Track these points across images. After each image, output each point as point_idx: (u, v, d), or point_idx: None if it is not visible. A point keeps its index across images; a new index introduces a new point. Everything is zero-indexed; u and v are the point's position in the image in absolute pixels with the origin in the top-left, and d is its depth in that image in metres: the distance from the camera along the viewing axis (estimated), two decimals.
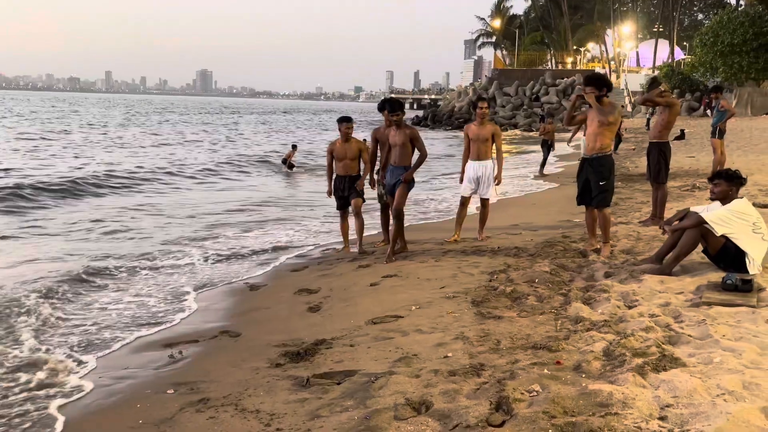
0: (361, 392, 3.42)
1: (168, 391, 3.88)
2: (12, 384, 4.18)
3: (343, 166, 7.64)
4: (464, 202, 7.55)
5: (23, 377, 4.28)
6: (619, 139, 17.25)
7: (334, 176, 7.71)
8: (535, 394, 3.07)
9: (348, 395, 3.43)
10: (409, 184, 7.07)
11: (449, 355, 3.84)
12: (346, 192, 7.66)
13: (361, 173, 7.60)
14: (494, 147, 7.42)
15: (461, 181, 7.62)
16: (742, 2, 42.59)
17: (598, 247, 6.40)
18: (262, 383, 3.79)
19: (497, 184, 7.36)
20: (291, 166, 20.70)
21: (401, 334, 4.38)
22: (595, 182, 6.18)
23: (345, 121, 7.61)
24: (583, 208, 6.59)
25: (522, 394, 3.07)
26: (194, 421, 3.37)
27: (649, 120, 32.22)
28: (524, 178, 16.24)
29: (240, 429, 3.20)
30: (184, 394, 3.80)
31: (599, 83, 6.10)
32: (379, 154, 7.56)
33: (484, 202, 7.39)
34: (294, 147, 21.86)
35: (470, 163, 7.38)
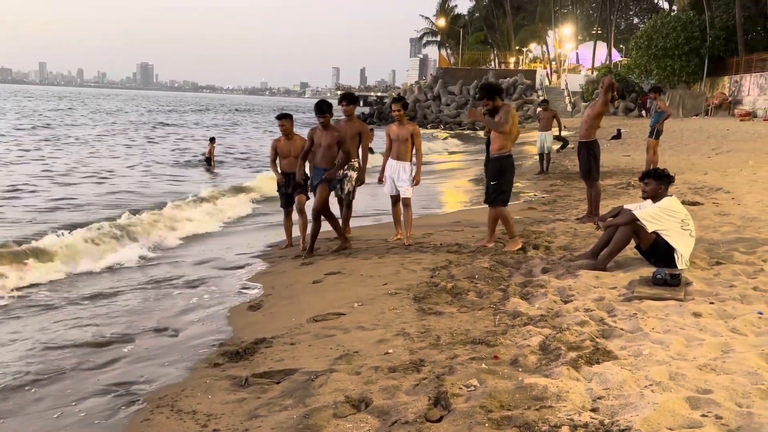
0: (301, 391, 3.39)
1: (103, 395, 3.76)
2: None
3: (288, 163, 7.59)
4: (394, 200, 7.56)
5: None
6: (565, 141, 17.68)
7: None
8: (472, 388, 3.12)
9: (287, 394, 3.40)
10: (331, 183, 7.14)
11: (390, 351, 3.86)
12: (290, 189, 7.59)
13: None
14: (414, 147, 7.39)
15: (380, 180, 7.60)
16: (674, 8, 44.29)
17: (489, 246, 6.69)
18: (200, 383, 3.71)
19: (415, 185, 7.35)
20: (209, 161, 20.32)
21: (343, 332, 4.37)
22: (488, 181, 6.77)
23: (281, 118, 7.56)
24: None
25: (460, 389, 3.11)
26: (128, 424, 3.28)
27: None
28: (464, 175, 16.44)
29: (176, 430, 3.13)
30: (118, 396, 3.69)
31: (490, 93, 6.52)
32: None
33: (406, 201, 7.35)
34: (212, 140, 21.45)
35: (390, 162, 7.40)
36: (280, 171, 7.66)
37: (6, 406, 3.74)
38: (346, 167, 7.41)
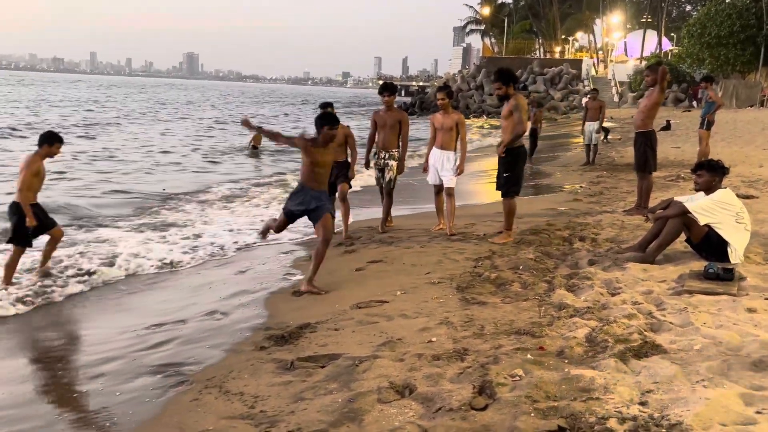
0: (345, 375, 3.43)
1: (153, 374, 3.87)
2: None
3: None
4: (437, 190, 7.53)
5: None
6: (606, 130, 17.33)
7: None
8: (518, 378, 3.10)
9: (332, 378, 3.44)
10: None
11: (433, 339, 3.86)
12: (333, 178, 7.62)
13: (349, 159, 7.57)
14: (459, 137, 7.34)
15: (424, 170, 7.58)
16: None
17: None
18: (247, 366, 3.79)
19: (459, 174, 7.28)
20: (255, 148, 20.63)
21: (386, 319, 4.39)
22: (501, 172, 6.67)
23: (324, 107, 7.56)
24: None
25: (505, 378, 3.10)
26: (178, 403, 3.37)
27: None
28: None
29: (224, 411, 3.20)
30: (168, 376, 3.79)
31: (505, 79, 6.46)
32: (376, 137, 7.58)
33: (449, 191, 7.30)
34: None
35: (433, 151, 7.37)
36: None
37: (62, 388, 3.89)
38: (386, 156, 7.45)
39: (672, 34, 54.46)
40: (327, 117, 5.57)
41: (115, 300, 5.85)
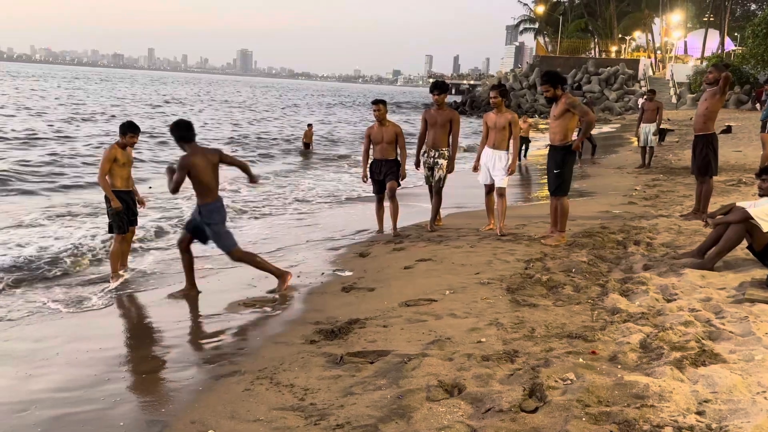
0: (394, 372, 3.44)
1: (207, 363, 3.97)
2: None
3: (380, 149, 7.60)
4: (488, 189, 7.48)
5: None
6: (663, 131, 16.85)
7: (370, 160, 7.71)
8: (569, 382, 3.06)
9: (381, 374, 3.46)
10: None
11: (483, 340, 3.84)
12: (382, 176, 7.65)
13: (398, 158, 7.59)
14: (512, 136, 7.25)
15: (474, 169, 7.52)
16: None
17: (553, 236, 6.63)
18: (297, 359, 3.84)
19: (510, 174, 7.19)
20: (307, 146, 20.93)
21: (434, 318, 4.39)
22: (550, 170, 6.62)
23: (376, 103, 7.58)
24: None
25: (556, 381, 3.06)
26: (230, 392, 3.45)
27: None
28: None
29: (274, 402, 3.26)
30: (221, 366, 3.88)
31: (553, 80, 6.44)
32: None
33: (500, 191, 7.23)
34: (310, 126, 22.13)
35: (486, 150, 7.30)
36: (372, 158, 7.71)
37: (122, 372, 4.03)
38: (436, 155, 7.45)
39: (735, 34, 52.48)
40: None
41: (169, 290, 6.02)
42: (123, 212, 6.44)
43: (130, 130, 6.47)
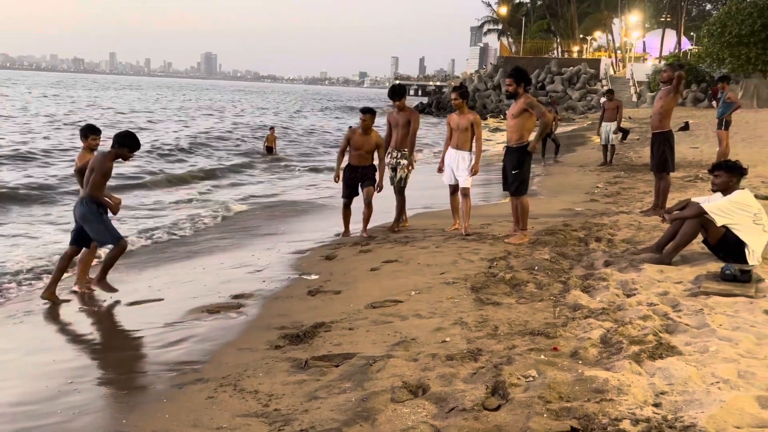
0: (359, 375, 3.44)
1: (169, 371, 3.91)
2: None
3: (358, 156, 7.59)
4: (452, 190, 7.54)
5: None
6: (626, 131, 17.25)
7: (345, 164, 7.69)
8: (531, 379, 3.10)
9: (346, 377, 3.46)
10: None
11: (447, 339, 3.87)
12: (356, 181, 7.61)
13: (376, 164, 7.60)
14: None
15: (439, 170, 7.59)
16: None
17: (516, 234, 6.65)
18: (261, 365, 3.82)
19: (473, 174, 7.26)
20: (270, 150, 20.79)
21: (400, 319, 4.41)
22: (509, 170, 6.66)
23: (366, 112, 7.55)
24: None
25: (518, 379, 3.10)
26: (193, 400, 3.41)
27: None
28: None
29: (238, 409, 3.23)
30: (184, 374, 3.83)
31: (519, 77, 6.49)
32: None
33: (465, 191, 7.30)
34: (272, 129, 22.08)
35: (449, 151, 7.38)
36: (348, 162, 7.67)
37: (82, 384, 3.95)
38: (399, 155, 7.55)
39: (692, 34, 53.82)
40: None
41: (130, 297, 5.93)
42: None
43: (91, 132, 6.34)
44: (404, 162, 7.58)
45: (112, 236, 5.91)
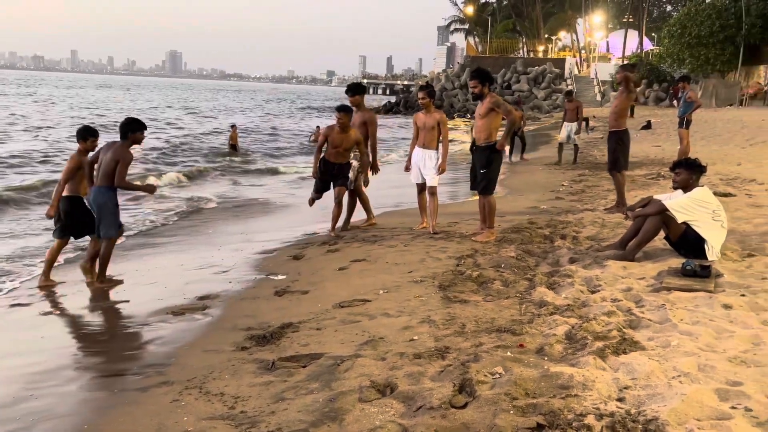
0: (327, 375, 3.43)
1: (134, 375, 3.84)
2: None
3: (335, 153, 7.56)
4: (420, 188, 7.56)
5: None
6: (586, 123, 17.67)
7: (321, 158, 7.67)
8: (498, 376, 3.12)
9: (313, 378, 3.44)
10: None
11: (415, 338, 3.87)
12: (329, 177, 7.60)
13: (351, 162, 7.61)
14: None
15: (406, 168, 7.61)
16: None
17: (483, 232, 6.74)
18: (228, 366, 3.77)
19: (440, 173, 7.30)
20: (234, 147, 20.69)
21: (368, 318, 4.40)
22: (478, 169, 6.71)
23: (339, 110, 7.49)
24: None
25: (485, 376, 3.12)
26: (157, 403, 3.35)
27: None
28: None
29: (204, 411, 3.19)
30: (148, 377, 3.77)
31: (482, 78, 6.56)
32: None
33: (432, 190, 7.34)
34: (234, 127, 22.02)
35: (416, 150, 7.40)
36: (324, 158, 7.62)
37: (42, 389, 3.86)
38: (351, 156, 7.59)
39: (653, 34, 54.91)
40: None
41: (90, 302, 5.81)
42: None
43: (90, 134, 6.37)
44: (355, 163, 7.62)
45: (116, 229, 6.27)
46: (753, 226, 6.39)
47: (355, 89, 7.72)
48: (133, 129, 6.18)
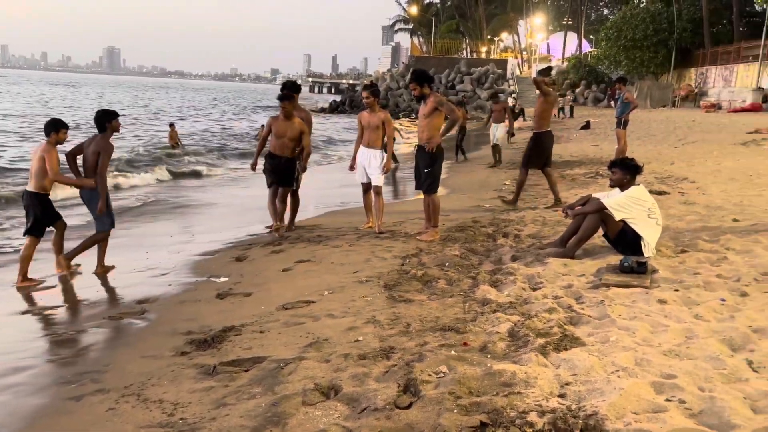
0: (270, 379, 3.36)
1: (67, 384, 3.68)
2: None
3: (280, 145, 7.42)
4: (365, 188, 7.55)
5: None
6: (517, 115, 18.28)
7: (266, 152, 7.56)
8: (442, 375, 3.12)
9: (256, 382, 3.37)
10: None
11: (360, 339, 3.85)
12: (278, 171, 7.47)
13: (299, 156, 7.52)
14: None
15: (351, 167, 7.59)
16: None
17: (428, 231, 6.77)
18: (167, 372, 3.66)
19: (385, 172, 7.32)
20: (174, 147, 20.34)
21: (312, 319, 4.35)
22: (422, 169, 6.76)
23: (281, 99, 7.40)
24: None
25: (429, 375, 3.12)
26: (93, 412, 3.22)
27: (562, 109, 33.52)
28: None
29: (141, 419, 3.08)
30: (83, 385, 3.62)
31: (420, 79, 6.65)
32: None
33: (377, 189, 7.36)
34: (172, 126, 21.70)
35: (361, 149, 7.39)
36: (269, 150, 7.51)
37: None
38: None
39: (591, 36, 56.57)
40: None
41: (24, 304, 5.55)
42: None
43: (63, 126, 6.30)
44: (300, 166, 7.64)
45: (111, 220, 6.49)
46: (685, 223, 6.63)
47: (291, 89, 7.60)
48: (109, 118, 6.33)
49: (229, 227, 8.68)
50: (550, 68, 10.59)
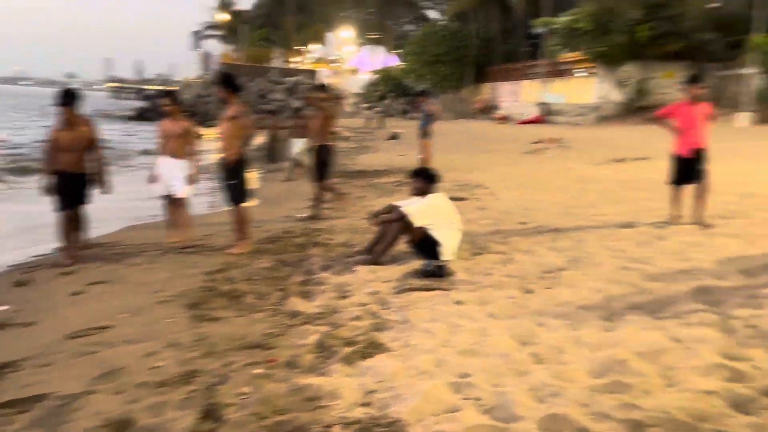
0: (54, 418, 3.02)
1: None
2: None
3: (71, 160, 6.35)
4: (167, 200, 7.08)
5: None
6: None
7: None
8: (245, 396, 3.01)
9: (37, 423, 3.00)
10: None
11: (159, 364, 3.59)
12: (78, 186, 6.43)
13: (87, 170, 6.48)
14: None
15: (152, 179, 7.01)
16: (442, 18, 47.97)
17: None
18: None
19: (191, 183, 6.97)
20: None
21: (107, 347, 3.98)
22: (225, 181, 6.67)
23: (60, 105, 6.29)
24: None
25: (233, 398, 2.99)
26: None
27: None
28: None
29: None
30: None
31: (226, 84, 6.54)
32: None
33: (180, 201, 6.97)
34: None
35: (163, 160, 6.97)
36: (60, 172, 6.35)
37: None
38: None
39: (400, 51, 59.36)
40: None
41: None
42: None
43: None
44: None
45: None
46: (479, 226, 7.15)
47: (68, 96, 6.43)
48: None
49: (8, 248, 7.71)
50: (323, 85, 10.74)
